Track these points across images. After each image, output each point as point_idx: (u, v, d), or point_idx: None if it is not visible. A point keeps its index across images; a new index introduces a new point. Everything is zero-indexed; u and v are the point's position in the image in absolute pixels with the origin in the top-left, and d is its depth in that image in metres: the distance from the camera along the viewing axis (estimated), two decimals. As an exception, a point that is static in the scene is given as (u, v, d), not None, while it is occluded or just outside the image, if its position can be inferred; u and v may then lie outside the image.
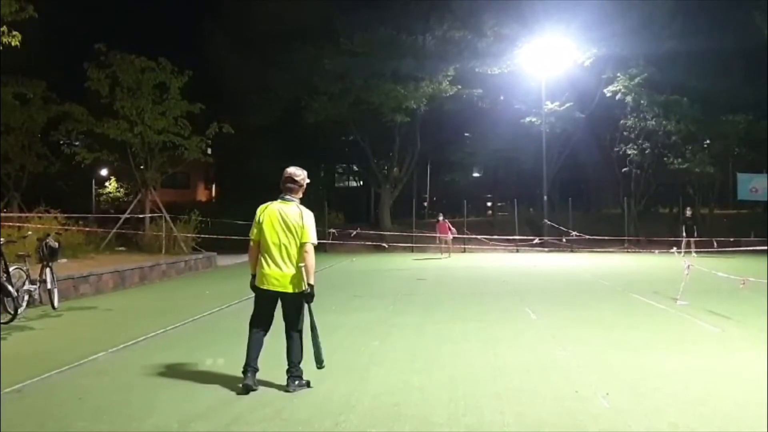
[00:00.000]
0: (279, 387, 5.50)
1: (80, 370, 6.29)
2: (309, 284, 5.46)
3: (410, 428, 4.52)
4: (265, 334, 5.59)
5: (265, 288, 5.47)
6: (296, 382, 5.47)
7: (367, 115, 29.58)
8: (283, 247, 5.41)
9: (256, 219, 5.54)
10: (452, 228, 24.35)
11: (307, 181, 5.67)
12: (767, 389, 5.26)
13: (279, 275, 5.41)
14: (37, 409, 5.12)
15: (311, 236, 5.45)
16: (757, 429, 4.49)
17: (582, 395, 5.24)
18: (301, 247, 5.42)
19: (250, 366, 5.44)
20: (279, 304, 5.58)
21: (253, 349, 5.49)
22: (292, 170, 5.60)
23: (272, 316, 5.61)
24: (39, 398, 5.41)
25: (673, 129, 28.63)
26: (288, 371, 5.50)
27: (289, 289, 5.45)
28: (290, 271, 5.42)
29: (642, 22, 27.50)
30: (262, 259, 5.46)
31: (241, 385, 5.40)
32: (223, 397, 5.28)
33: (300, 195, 5.61)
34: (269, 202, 5.59)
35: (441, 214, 25.18)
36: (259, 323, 5.58)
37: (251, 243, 5.61)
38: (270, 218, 5.46)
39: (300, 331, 5.57)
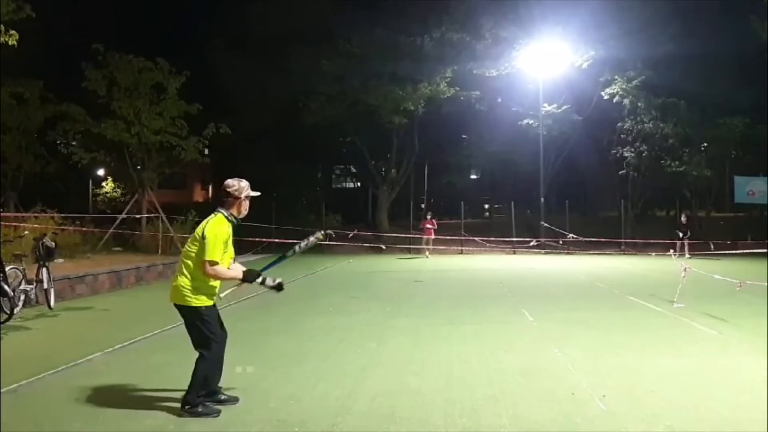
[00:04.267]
0: (276, 387, 5.49)
1: (76, 371, 6.28)
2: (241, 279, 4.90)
3: (407, 430, 4.52)
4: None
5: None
6: (186, 407, 4.82)
7: (365, 117, 29.60)
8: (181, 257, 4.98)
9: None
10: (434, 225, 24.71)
11: (246, 193, 5.00)
12: (766, 392, 5.27)
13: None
14: (33, 409, 5.11)
15: (207, 252, 4.74)
16: (754, 431, 4.50)
17: (578, 398, 5.24)
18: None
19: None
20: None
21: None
22: (227, 181, 5.02)
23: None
24: (35, 399, 5.40)
25: (670, 132, 28.71)
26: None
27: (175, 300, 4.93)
28: (176, 281, 4.89)
29: (639, 25, 27.57)
30: None
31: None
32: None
33: (234, 210, 4.98)
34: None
35: (430, 213, 25.44)
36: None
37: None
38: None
39: (200, 353, 4.88)
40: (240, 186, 4.98)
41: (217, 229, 4.83)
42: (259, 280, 4.98)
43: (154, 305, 11.66)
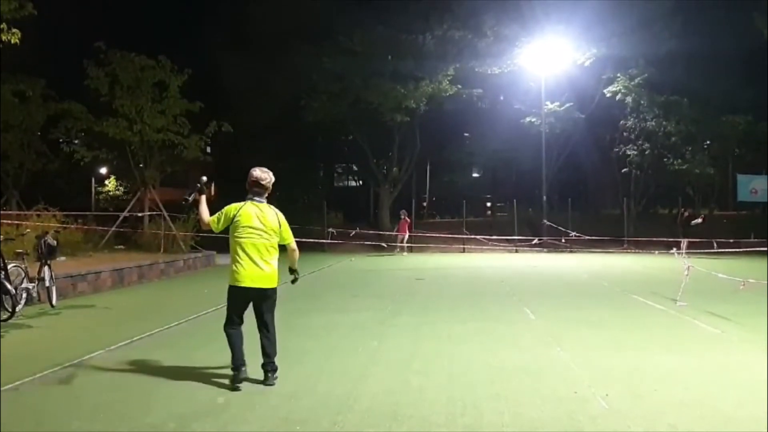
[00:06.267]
0: (277, 385, 5.49)
1: (77, 369, 6.27)
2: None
3: (408, 428, 4.50)
4: None
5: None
6: (274, 375, 5.62)
7: (367, 115, 29.55)
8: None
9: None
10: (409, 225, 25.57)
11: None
12: (767, 390, 5.25)
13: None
14: (34, 407, 5.10)
15: (292, 236, 5.84)
16: (756, 430, 4.48)
17: (581, 396, 5.23)
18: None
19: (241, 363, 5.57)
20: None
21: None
22: (260, 175, 5.68)
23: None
24: (36, 396, 5.40)
25: (672, 130, 28.65)
26: (266, 365, 5.64)
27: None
28: (272, 269, 5.68)
29: (642, 22, 27.52)
30: None
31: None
32: (220, 396, 5.26)
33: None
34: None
35: (404, 212, 25.68)
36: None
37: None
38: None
39: (272, 318, 5.79)
40: (271, 177, 5.71)
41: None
42: None
43: (156, 303, 11.69)
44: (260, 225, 5.55)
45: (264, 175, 5.64)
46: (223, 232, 5.74)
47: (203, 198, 5.86)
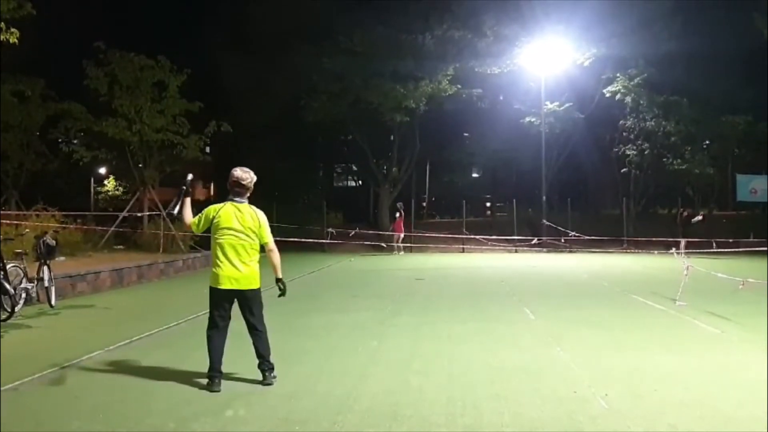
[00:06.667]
0: (277, 385, 5.48)
1: (77, 369, 6.26)
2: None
3: (408, 428, 4.50)
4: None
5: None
6: (272, 374, 5.59)
7: (367, 115, 29.55)
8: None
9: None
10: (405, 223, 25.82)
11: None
12: (766, 390, 5.25)
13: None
14: (34, 407, 5.09)
15: (270, 235, 5.75)
16: (756, 430, 4.47)
17: (580, 396, 5.22)
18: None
19: (217, 370, 5.50)
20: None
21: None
22: (240, 175, 5.61)
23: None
24: (35, 397, 5.39)
25: (672, 130, 28.64)
26: (262, 365, 5.60)
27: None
28: (250, 269, 5.67)
29: (642, 22, 27.52)
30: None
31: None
32: (220, 397, 5.26)
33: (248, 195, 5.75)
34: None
35: (401, 204, 26.07)
36: None
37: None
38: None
39: (262, 322, 5.75)
40: (252, 177, 5.62)
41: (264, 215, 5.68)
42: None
43: (156, 303, 11.67)
44: (239, 226, 5.51)
45: (245, 175, 5.57)
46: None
47: (188, 200, 5.78)
